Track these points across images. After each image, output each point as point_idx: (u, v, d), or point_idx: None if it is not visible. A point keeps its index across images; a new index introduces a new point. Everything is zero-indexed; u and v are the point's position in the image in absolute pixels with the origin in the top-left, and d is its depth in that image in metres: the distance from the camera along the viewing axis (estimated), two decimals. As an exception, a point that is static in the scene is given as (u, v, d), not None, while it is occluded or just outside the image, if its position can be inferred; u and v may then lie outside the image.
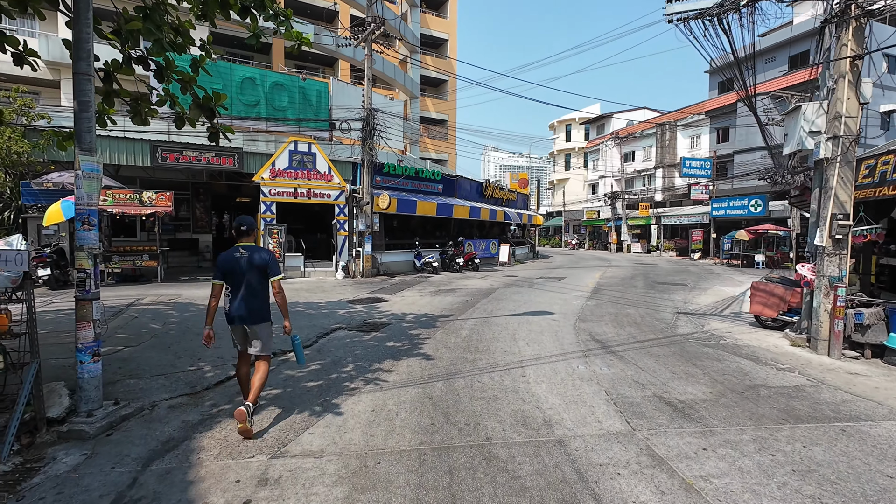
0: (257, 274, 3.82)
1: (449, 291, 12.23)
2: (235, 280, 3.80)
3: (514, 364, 5.58)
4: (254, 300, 3.83)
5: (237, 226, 3.94)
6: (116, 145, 13.47)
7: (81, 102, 3.80)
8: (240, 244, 3.89)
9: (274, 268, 3.91)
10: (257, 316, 3.85)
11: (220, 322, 6.50)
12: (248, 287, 3.80)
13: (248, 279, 3.80)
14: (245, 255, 3.81)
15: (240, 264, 3.79)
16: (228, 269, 3.81)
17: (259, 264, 3.82)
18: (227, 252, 3.87)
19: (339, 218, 16.12)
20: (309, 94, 18.47)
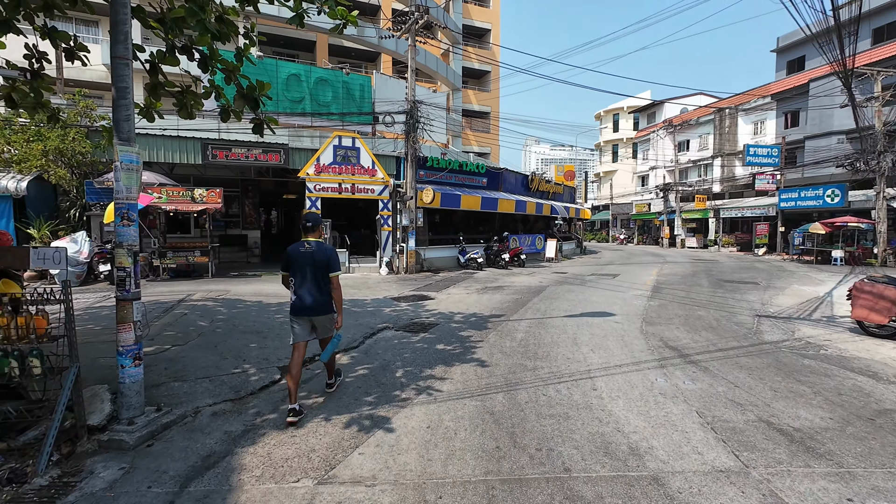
0: (320, 268, 4.00)
1: (496, 289, 11.67)
2: (300, 273, 4.00)
3: (580, 374, 4.98)
4: (317, 293, 4.01)
5: (304, 222, 4.14)
6: (170, 144, 13.83)
7: (119, 89, 3.55)
8: (305, 239, 4.08)
9: (334, 264, 4.07)
10: (321, 308, 4.03)
11: (263, 321, 6.26)
12: (312, 280, 4.00)
13: (312, 273, 3.99)
14: (310, 249, 4.00)
15: (305, 258, 3.99)
16: (294, 262, 4.01)
17: (321, 259, 4.00)
18: (294, 246, 4.08)
19: (383, 213, 15.90)
20: (352, 88, 18.37)
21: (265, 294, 10.15)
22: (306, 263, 3.97)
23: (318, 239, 4.11)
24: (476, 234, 20.36)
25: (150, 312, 7.65)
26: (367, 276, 14.53)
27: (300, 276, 3.99)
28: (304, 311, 4.00)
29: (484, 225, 22.30)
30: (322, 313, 4.04)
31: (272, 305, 8.76)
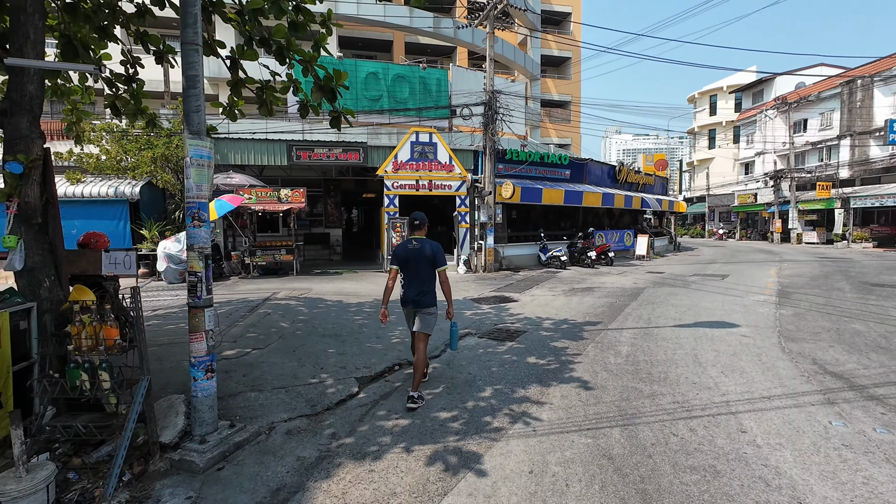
0: (427, 264, 4.23)
1: (585, 290, 10.60)
2: (409, 268, 4.25)
3: (716, 406, 3.97)
4: (424, 287, 4.25)
5: (411, 220, 4.39)
6: (259, 147, 14.44)
7: (189, 77, 3.27)
8: (413, 236, 4.33)
9: (441, 259, 4.30)
10: (424, 301, 4.27)
11: (342, 324, 5.93)
12: (420, 275, 4.23)
13: (420, 268, 4.22)
14: (417, 246, 4.23)
15: (413, 254, 4.22)
16: (403, 258, 4.26)
17: (429, 255, 4.22)
18: (403, 243, 4.36)
19: (460, 209, 15.38)
20: (429, 83, 18.06)
21: (345, 293, 10.07)
22: (414, 259, 4.21)
23: (423, 236, 4.32)
24: (557, 231, 19.15)
25: (237, 311, 7.78)
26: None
27: (409, 271, 4.27)
28: (409, 303, 4.35)
29: (565, 220, 20.96)
30: (423, 307, 4.27)
31: (351, 306, 8.57)
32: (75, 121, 6.54)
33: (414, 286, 4.27)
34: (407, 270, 4.29)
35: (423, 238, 4.32)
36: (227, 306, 8.28)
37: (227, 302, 8.73)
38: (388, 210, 14.71)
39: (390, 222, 14.48)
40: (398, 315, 7.78)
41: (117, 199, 12.71)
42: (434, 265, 4.26)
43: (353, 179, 20.26)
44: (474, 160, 16.13)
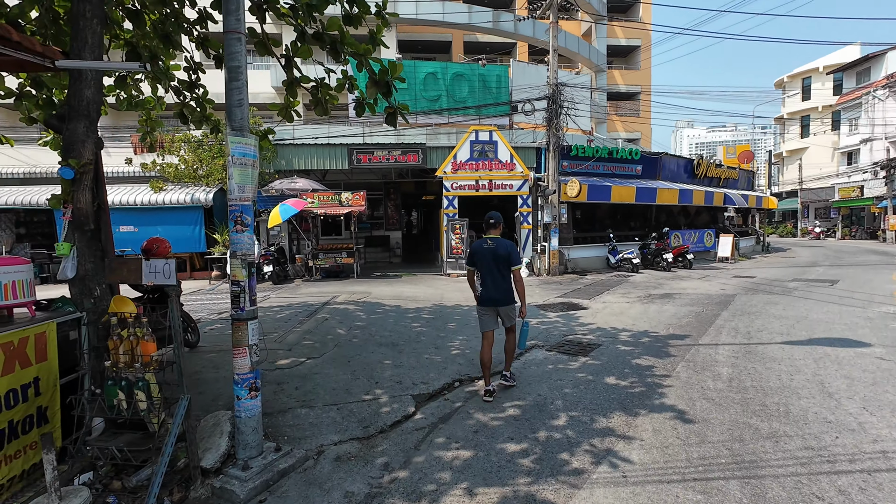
0: (502, 262, 4.28)
1: (664, 297, 9.52)
2: (484, 267, 4.34)
3: (869, 457, 3.07)
4: (501, 285, 4.32)
5: (486, 219, 4.46)
6: (322, 152, 14.69)
7: (231, 69, 3.01)
8: (488, 236, 4.42)
9: (515, 258, 4.33)
10: (505, 298, 4.34)
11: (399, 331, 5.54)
12: (496, 273, 4.30)
13: (495, 267, 4.29)
14: (492, 245, 4.32)
15: (488, 253, 4.30)
16: (479, 258, 4.37)
17: (503, 254, 4.29)
18: (478, 242, 4.44)
19: (522, 210, 14.67)
20: (488, 80, 17.52)
21: (404, 297, 9.79)
22: (489, 258, 4.28)
23: (498, 235, 4.41)
24: (627, 231, 17.83)
25: (296, 316, 7.72)
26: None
27: (484, 270, 4.34)
28: (489, 302, 4.37)
29: (635, 219, 19.49)
30: (505, 303, 4.35)
31: (409, 311, 8.24)
32: (149, 130, 6.75)
33: (491, 285, 4.33)
34: (483, 269, 4.36)
35: (497, 237, 4.39)
36: (288, 310, 8.28)
37: (287, 306, 8.76)
38: (447, 212, 14.35)
39: (449, 224, 14.11)
40: (457, 322, 7.35)
41: (193, 206, 13.43)
42: (509, 263, 4.31)
43: (412, 182, 20.20)
44: (537, 158, 15.36)
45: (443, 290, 10.83)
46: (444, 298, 9.71)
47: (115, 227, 12.55)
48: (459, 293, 10.40)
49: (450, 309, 8.54)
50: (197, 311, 8.54)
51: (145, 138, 6.84)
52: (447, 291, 10.70)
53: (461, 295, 10.12)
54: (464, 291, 10.65)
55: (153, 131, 6.81)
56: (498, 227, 4.47)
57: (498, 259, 4.27)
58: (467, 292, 10.64)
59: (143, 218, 13.38)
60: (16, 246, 13.60)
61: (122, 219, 13.27)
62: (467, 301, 9.38)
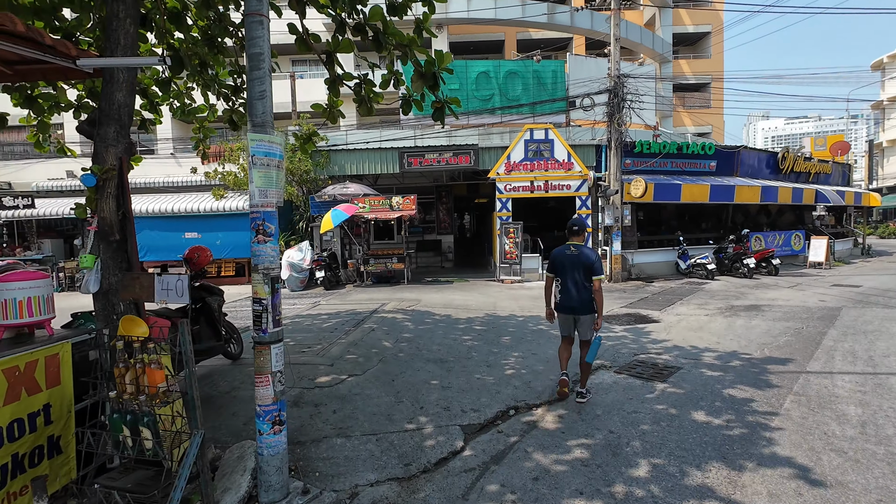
0: (583, 270, 4.18)
1: (751, 310, 8.32)
2: (565, 274, 4.26)
3: None
4: (580, 293, 4.21)
5: (570, 226, 4.40)
6: (373, 156, 14.59)
7: (252, 56, 2.65)
8: (570, 242, 4.34)
9: (597, 267, 4.18)
10: (583, 307, 4.23)
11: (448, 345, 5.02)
12: (576, 281, 4.21)
13: (576, 274, 4.20)
14: (574, 252, 4.24)
15: (570, 260, 4.23)
16: (559, 264, 4.30)
17: (585, 262, 4.18)
18: (560, 249, 4.36)
19: (581, 212, 13.71)
20: (543, 76, 16.70)
21: (455, 306, 9.30)
22: (571, 266, 4.22)
23: (581, 242, 4.34)
24: (697, 233, 16.29)
25: (343, 326, 7.44)
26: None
27: (565, 277, 4.26)
28: (567, 310, 4.30)
29: (706, 220, 17.80)
30: (584, 312, 4.24)
31: (460, 322, 7.73)
32: (202, 138, 6.75)
33: (571, 293, 4.25)
34: (563, 276, 4.28)
35: (581, 244, 4.31)
36: (335, 319, 8.05)
37: (335, 314, 8.55)
38: (500, 214, 13.73)
39: (503, 227, 13.47)
40: (512, 336, 6.73)
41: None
42: (591, 272, 4.18)
43: (465, 184, 19.75)
44: (596, 156, 14.34)
45: (496, 298, 10.22)
46: (497, 307, 9.11)
47: (180, 234, 13.11)
48: (513, 302, 9.75)
49: (503, 320, 7.93)
50: (248, 318, 8.55)
51: (198, 146, 6.85)
52: (500, 299, 10.08)
53: (515, 304, 9.47)
54: (518, 300, 9.99)
55: (206, 139, 6.81)
56: (581, 234, 4.37)
57: (580, 267, 4.18)
58: (522, 301, 9.97)
59: (206, 224, 13.91)
60: (97, 252, 14.64)
61: (187, 226, 13.90)
62: (522, 311, 8.72)
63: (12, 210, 14.01)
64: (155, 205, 13.85)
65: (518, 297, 10.50)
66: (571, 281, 4.22)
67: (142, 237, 13.95)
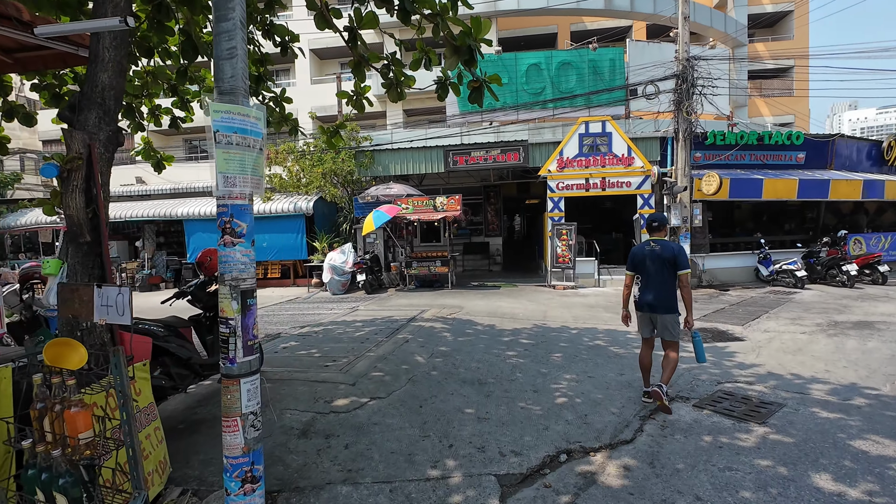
0: (666, 266, 4.05)
1: (861, 327, 6.84)
2: (646, 271, 4.13)
3: None
4: (662, 290, 4.06)
5: (650, 221, 4.31)
6: (418, 155, 14.06)
7: (219, 4, 2.06)
8: (651, 238, 4.23)
9: (682, 261, 4.04)
10: (665, 305, 4.06)
11: (490, 362, 4.26)
12: (657, 278, 4.07)
13: (657, 271, 4.07)
14: (656, 248, 4.11)
15: (651, 256, 4.10)
16: (639, 261, 4.20)
17: (668, 257, 4.04)
18: (640, 246, 4.29)
19: (643, 211, 12.40)
20: (600, 65, 15.49)
21: (500, 314, 8.49)
22: (652, 262, 4.09)
23: (663, 237, 4.21)
24: (780, 235, 14.37)
25: (375, 336, 6.86)
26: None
27: (646, 274, 4.13)
28: (646, 307, 4.14)
29: (790, 220, 15.68)
30: (664, 311, 4.07)
31: (505, 333, 6.92)
32: None
33: (652, 290, 4.11)
34: (644, 273, 4.17)
35: (662, 240, 4.20)
36: (370, 327, 7.51)
37: (370, 321, 8.02)
38: (551, 215, 12.72)
39: (554, 229, 12.46)
40: (564, 352, 5.84)
41: (296, 214, 13.71)
42: (675, 267, 4.04)
43: (514, 184, 18.85)
44: (661, 149, 12.96)
45: (546, 307, 9.28)
46: (548, 317, 8.20)
47: (229, 236, 13.29)
48: (566, 311, 8.78)
49: (554, 332, 7.03)
50: (283, 322, 8.24)
51: None
52: (551, 308, 9.14)
53: (568, 313, 8.50)
54: (571, 308, 9.01)
55: None
56: (663, 230, 4.23)
57: (663, 262, 4.05)
58: (575, 310, 8.97)
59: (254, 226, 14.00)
60: (155, 253, 15.24)
61: (235, 228, 14.08)
62: (575, 321, 7.77)
63: (82, 214, 14.87)
64: (204, 207, 14.15)
65: (571, 305, 9.50)
66: (653, 277, 4.08)
67: (193, 239, 14.32)
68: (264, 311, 9.58)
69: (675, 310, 4.06)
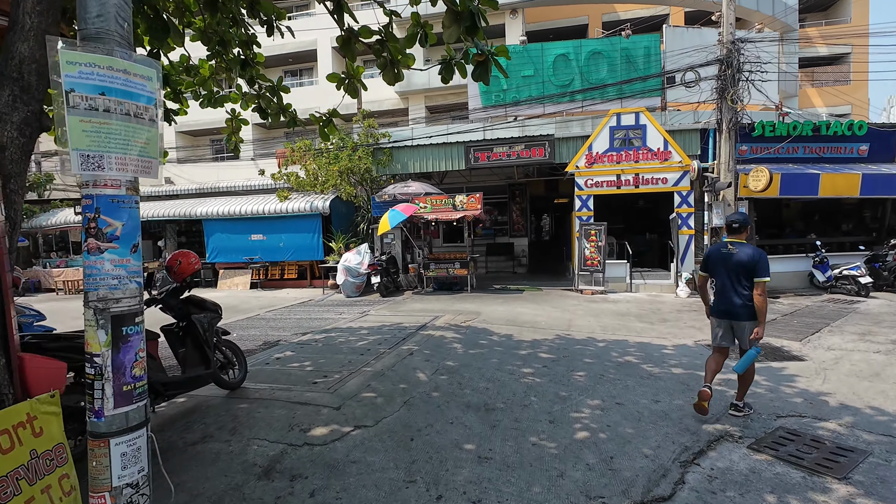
0: (744, 271, 3.81)
1: (952, 347, 5.75)
2: (720, 274, 3.95)
3: None
4: (738, 296, 3.84)
5: (728, 222, 4.07)
6: (437, 152, 13.45)
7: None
8: (729, 240, 4.00)
9: (761, 268, 3.76)
10: (742, 313, 3.82)
11: (501, 381, 3.58)
12: (733, 283, 3.87)
13: (734, 275, 3.86)
14: (733, 251, 3.89)
15: (727, 259, 3.90)
16: (712, 263, 4.03)
17: (746, 262, 3.80)
18: (716, 246, 4.10)
19: (681, 210, 11.37)
20: (634, 54, 14.43)
21: (520, 322, 7.77)
22: (728, 266, 3.89)
23: (742, 240, 3.94)
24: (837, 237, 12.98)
25: (378, 346, 6.27)
26: (656, 298, 10.42)
27: (720, 278, 3.96)
28: (724, 314, 3.94)
29: (846, 220, 14.17)
30: (743, 318, 3.83)
31: (522, 346, 6.21)
32: (235, 130, 6.04)
33: (727, 295, 3.90)
34: (718, 277, 3.98)
35: (741, 242, 3.93)
36: (375, 335, 6.94)
37: (378, 328, 7.45)
38: (579, 214, 11.86)
39: (582, 229, 11.59)
40: (588, 371, 5.06)
41: (312, 213, 13.36)
42: (752, 274, 3.76)
43: (542, 183, 17.99)
44: (701, 142, 11.85)
45: (571, 314, 8.48)
46: (573, 326, 7.42)
47: (246, 236, 12.93)
48: (593, 319, 7.97)
49: (578, 344, 6.27)
50: (288, 328, 7.79)
51: (230, 139, 6.15)
52: (577, 315, 8.33)
53: (595, 322, 7.69)
54: (599, 316, 8.18)
55: (238, 131, 6.09)
56: (743, 232, 3.96)
57: (739, 267, 3.82)
58: (604, 318, 8.14)
59: (270, 226, 13.77)
60: (177, 253, 15.25)
61: (252, 227, 13.87)
62: (604, 331, 6.97)
63: (107, 213, 15.02)
64: (223, 207, 14.01)
65: (599, 312, 8.66)
66: (727, 282, 3.88)
67: (213, 239, 14.21)
68: (272, 315, 9.19)
69: (755, 317, 3.79)
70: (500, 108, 14.66)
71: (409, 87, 19.50)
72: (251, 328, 7.89)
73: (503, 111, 14.79)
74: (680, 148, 11.41)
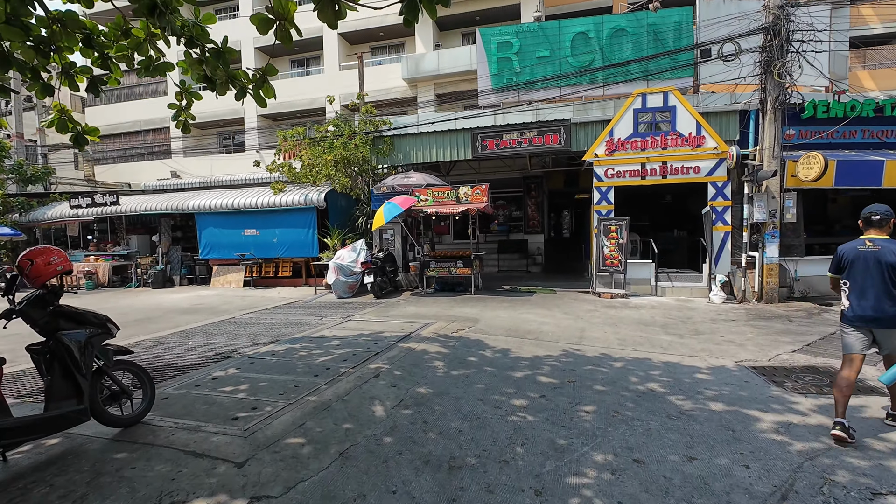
0: (888, 272, 3.30)
1: None
2: (857, 275, 3.45)
3: None
4: (883, 300, 3.32)
5: (867, 215, 3.48)
6: (442, 140, 12.30)
7: None
8: (866, 236, 3.48)
9: None
10: (888, 318, 3.30)
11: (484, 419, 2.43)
12: (877, 285, 3.35)
13: (877, 276, 3.34)
14: (874, 248, 3.39)
15: (864, 257, 3.41)
16: (848, 262, 3.53)
17: (891, 260, 3.28)
18: (851, 243, 3.55)
19: (716, 203, 9.94)
20: (662, 30, 12.91)
21: (522, 332, 6.60)
22: (869, 265, 3.38)
23: (884, 236, 3.41)
24: None
25: (342, 363, 5.20)
26: (686, 303, 9.04)
27: (858, 279, 3.42)
28: (864, 321, 3.40)
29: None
30: (890, 326, 3.33)
31: (519, 365, 5.05)
32: (184, 106, 5.08)
33: (869, 300, 3.32)
34: (855, 278, 3.40)
35: (884, 238, 3.36)
36: (345, 348, 5.88)
37: (352, 339, 6.39)
38: (598, 208, 10.56)
39: (601, 224, 10.29)
40: (599, 400, 3.79)
41: (307, 207, 12.45)
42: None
43: (561, 175, 16.69)
44: (740, 125, 10.35)
45: (585, 322, 7.26)
46: (585, 338, 6.22)
47: (240, 231, 12.00)
48: (611, 329, 6.73)
49: (589, 364, 5.07)
50: (254, 335, 6.82)
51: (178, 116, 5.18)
52: (591, 324, 7.11)
53: (613, 333, 6.46)
54: (618, 326, 6.94)
55: (189, 107, 5.13)
56: (885, 226, 3.37)
57: (883, 267, 3.27)
58: (624, 328, 6.87)
59: (264, 220, 12.93)
60: (171, 248, 14.61)
61: (246, 222, 13.05)
62: (622, 346, 5.75)
63: (101, 207, 14.50)
64: (215, 200, 13.22)
65: (618, 320, 7.40)
66: (869, 284, 3.34)
67: (205, 234, 13.47)
68: (247, 318, 8.26)
69: None
70: (513, 92, 13.39)
71: (417, 73, 18.37)
72: (215, 334, 6.95)
73: (516, 96, 13.53)
74: (715, 132, 9.97)
